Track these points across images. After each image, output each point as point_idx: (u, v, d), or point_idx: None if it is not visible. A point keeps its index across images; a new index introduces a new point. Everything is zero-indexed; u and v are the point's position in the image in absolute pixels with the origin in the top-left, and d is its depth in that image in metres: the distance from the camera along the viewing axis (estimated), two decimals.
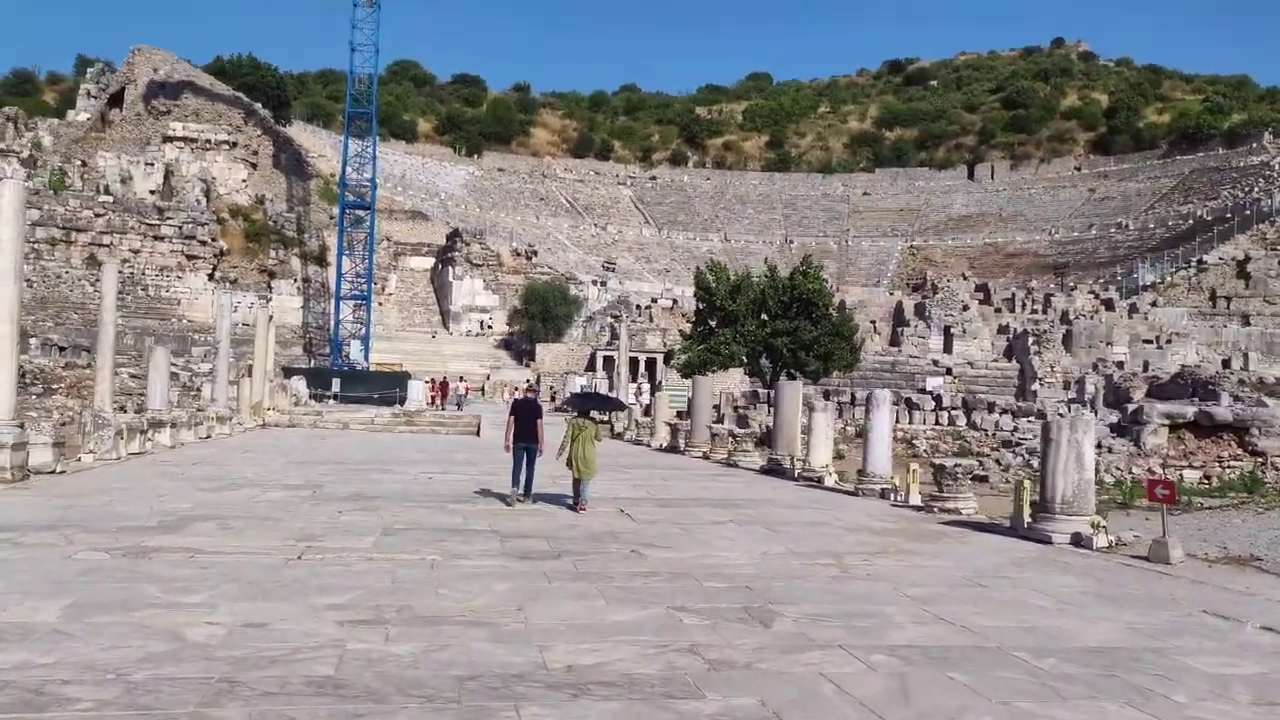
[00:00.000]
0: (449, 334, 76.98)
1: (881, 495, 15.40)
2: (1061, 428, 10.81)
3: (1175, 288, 77.19)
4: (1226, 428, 19.29)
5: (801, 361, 42.61)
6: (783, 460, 19.97)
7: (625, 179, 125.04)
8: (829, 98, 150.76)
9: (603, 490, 15.59)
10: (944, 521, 12.74)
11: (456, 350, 71.67)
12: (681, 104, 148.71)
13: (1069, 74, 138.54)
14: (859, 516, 13.20)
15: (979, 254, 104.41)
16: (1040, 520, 11.08)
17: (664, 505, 14.38)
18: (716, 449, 24.69)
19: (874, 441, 15.86)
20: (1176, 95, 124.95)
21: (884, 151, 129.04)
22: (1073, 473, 10.72)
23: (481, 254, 79.13)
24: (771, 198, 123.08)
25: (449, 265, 79.29)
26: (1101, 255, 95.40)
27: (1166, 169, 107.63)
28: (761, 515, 13.24)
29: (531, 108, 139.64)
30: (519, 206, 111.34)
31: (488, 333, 76.74)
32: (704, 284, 45.96)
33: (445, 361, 67.31)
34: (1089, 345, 66.66)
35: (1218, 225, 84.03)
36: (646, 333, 68.91)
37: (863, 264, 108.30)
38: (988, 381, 62.12)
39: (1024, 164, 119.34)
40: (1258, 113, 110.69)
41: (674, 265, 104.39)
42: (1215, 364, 61.01)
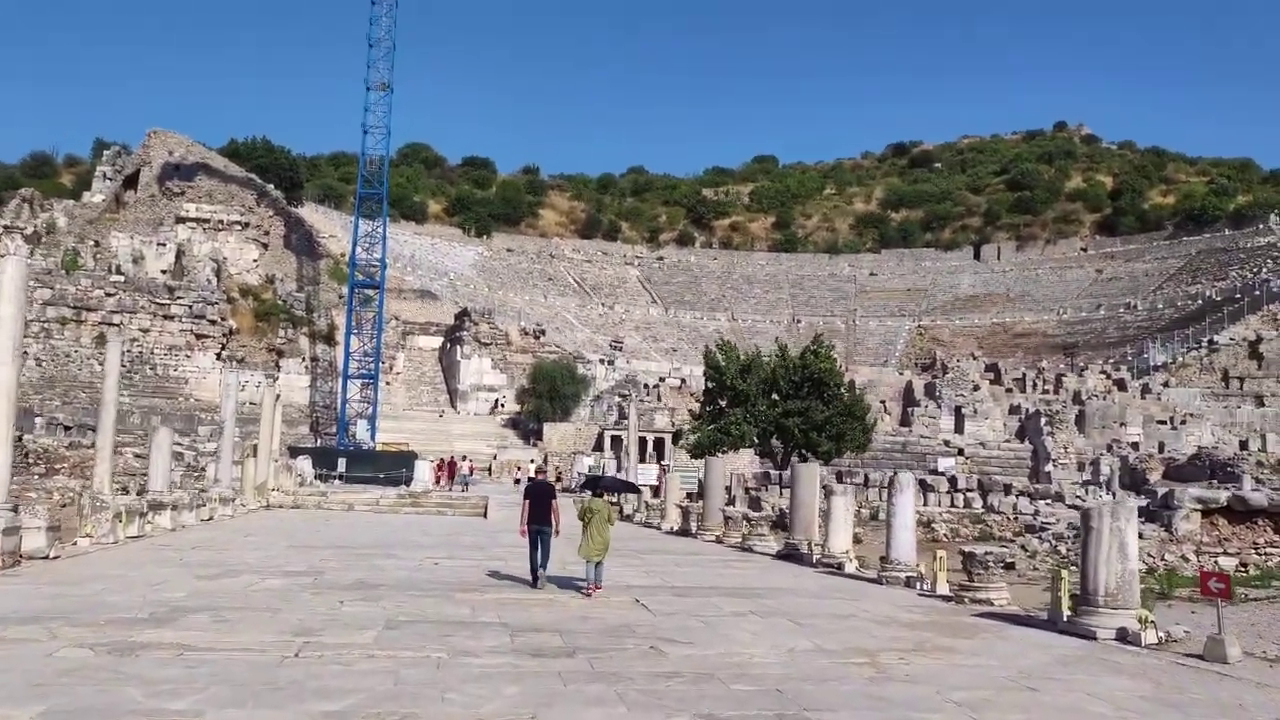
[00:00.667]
0: (456, 413, 76.48)
1: (907, 584, 14.73)
2: (1103, 515, 10.25)
3: (1187, 368, 76.64)
4: (1261, 513, 18.63)
5: (813, 442, 41.99)
6: (800, 545, 19.31)
7: (632, 259, 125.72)
8: (834, 180, 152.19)
9: (616, 577, 14.98)
10: (977, 613, 12.09)
11: (463, 430, 71.10)
12: (688, 185, 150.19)
13: (1072, 156, 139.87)
14: (886, 607, 12.55)
15: (987, 334, 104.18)
16: (1082, 614, 10.45)
17: (681, 594, 13.74)
18: (730, 533, 24.02)
19: (897, 527, 15.24)
20: (1180, 177, 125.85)
21: (890, 232, 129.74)
22: (1116, 563, 10.13)
23: (489, 333, 79.04)
24: (778, 278, 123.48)
25: (457, 344, 79.16)
26: (1111, 335, 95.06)
27: (1173, 250, 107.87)
28: (783, 606, 12.60)
29: (540, 189, 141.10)
30: (527, 286, 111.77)
31: (496, 412, 76.27)
32: (714, 363, 45.58)
33: (452, 441, 66.68)
34: (1102, 426, 65.94)
35: (1227, 306, 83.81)
36: (654, 412, 68.36)
37: (870, 344, 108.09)
38: (1000, 462, 61.33)
39: (1030, 245, 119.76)
40: (1262, 194, 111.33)
41: (681, 344, 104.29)
42: (1232, 445, 60.22)
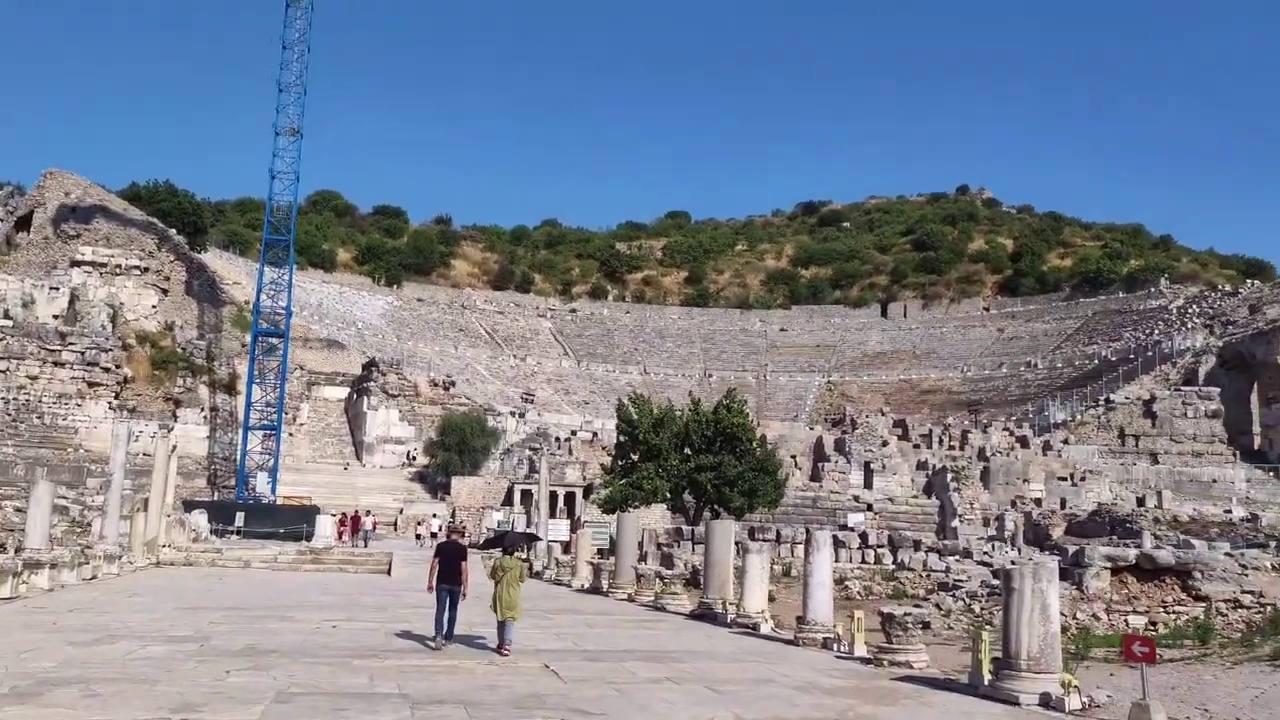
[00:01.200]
0: (362, 466, 74.56)
1: (824, 645, 14.37)
2: (1025, 577, 10.05)
3: (1085, 425, 78.80)
4: (1169, 571, 18.84)
5: (726, 497, 41.73)
6: (714, 604, 18.87)
7: (545, 311, 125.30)
8: (746, 236, 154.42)
9: (525, 640, 14.34)
10: (897, 677, 11.77)
11: (369, 483, 69.28)
12: (602, 239, 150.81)
13: (974, 219, 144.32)
14: (805, 672, 12.16)
15: (894, 390, 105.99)
16: (1004, 678, 10.19)
17: (593, 659, 13.17)
18: (643, 591, 23.47)
19: (814, 586, 14.92)
20: (1076, 241, 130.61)
21: (800, 289, 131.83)
22: (1038, 626, 9.92)
23: (398, 384, 77.55)
24: (690, 332, 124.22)
25: (364, 395, 77.45)
26: (1013, 393, 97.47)
27: (1070, 311, 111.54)
28: (700, 671, 12.12)
29: (452, 240, 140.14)
30: (438, 337, 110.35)
31: (404, 466, 74.57)
32: (626, 417, 45.17)
33: (357, 495, 64.90)
34: (1006, 482, 67.20)
35: (1122, 365, 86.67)
36: (565, 466, 67.56)
37: (781, 398, 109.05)
38: (908, 518, 61.91)
39: (935, 303, 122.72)
40: (1153, 259, 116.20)
41: (593, 397, 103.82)
42: (1129, 502, 61.79)
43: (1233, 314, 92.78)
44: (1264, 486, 72.32)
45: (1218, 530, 50.28)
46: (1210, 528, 51.11)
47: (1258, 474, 73.74)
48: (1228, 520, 54.04)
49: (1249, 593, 18.26)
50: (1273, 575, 18.96)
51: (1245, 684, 11.92)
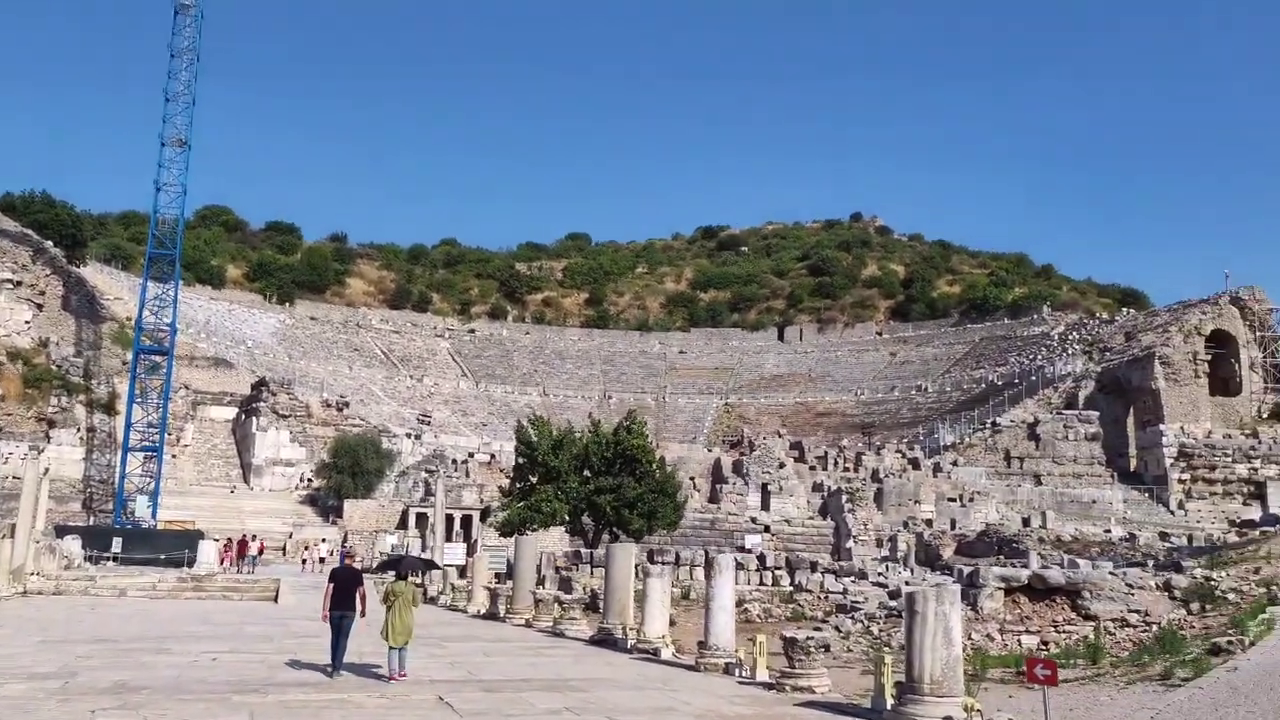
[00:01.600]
0: (250, 489, 72.08)
1: (726, 671, 14.15)
2: (928, 600, 9.99)
3: (973, 448, 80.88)
4: (1059, 591, 19.22)
5: (625, 520, 41.46)
6: (614, 630, 18.53)
7: (443, 331, 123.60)
8: (646, 259, 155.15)
9: (419, 670, 13.79)
10: (800, 703, 11.60)
11: (257, 506, 66.98)
12: (502, 259, 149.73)
13: (868, 245, 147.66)
14: (708, 699, 11.91)
15: (791, 412, 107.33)
16: (906, 702, 10.10)
17: (489, 689, 12.69)
18: (541, 616, 22.98)
19: (716, 610, 14.70)
20: (965, 269, 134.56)
21: (699, 312, 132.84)
22: (941, 649, 9.86)
23: (289, 404, 75.35)
24: (590, 354, 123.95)
25: (253, 416, 74.99)
26: (904, 416, 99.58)
27: (959, 336, 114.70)
28: (601, 701, 11.77)
29: (348, 258, 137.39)
30: (331, 357, 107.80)
31: (296, 488, 72.36)
32: (525, 439, 44.59)
33: (244, 519, 62.68)
34: (898, 503, 68.50)
35: (1008, 389, 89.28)
36: (463, 488, 66.48)
37: (680, 420, 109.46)
38: (804, 539, 62.56)
39: (830, 328, 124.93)
40: (1036, 288, 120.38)
41: (491, 419, 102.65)
42: (1015, 522, 63.57)
43: (1110, 341, 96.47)
44: (1139, 507, 75.25)
45: (1098, 549, 52.04)
46: (1091, 547, 52.87)
47: (1134, 495, 76.69)
48: (1108, 539, 56.00)
49: (1135, 611, 18.71)
50: (1156, 594, 19.51)
51: (1140, 704, 12.08)
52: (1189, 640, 15.62)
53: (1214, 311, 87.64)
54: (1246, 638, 14.03)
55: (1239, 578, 19.81)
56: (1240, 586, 19.25)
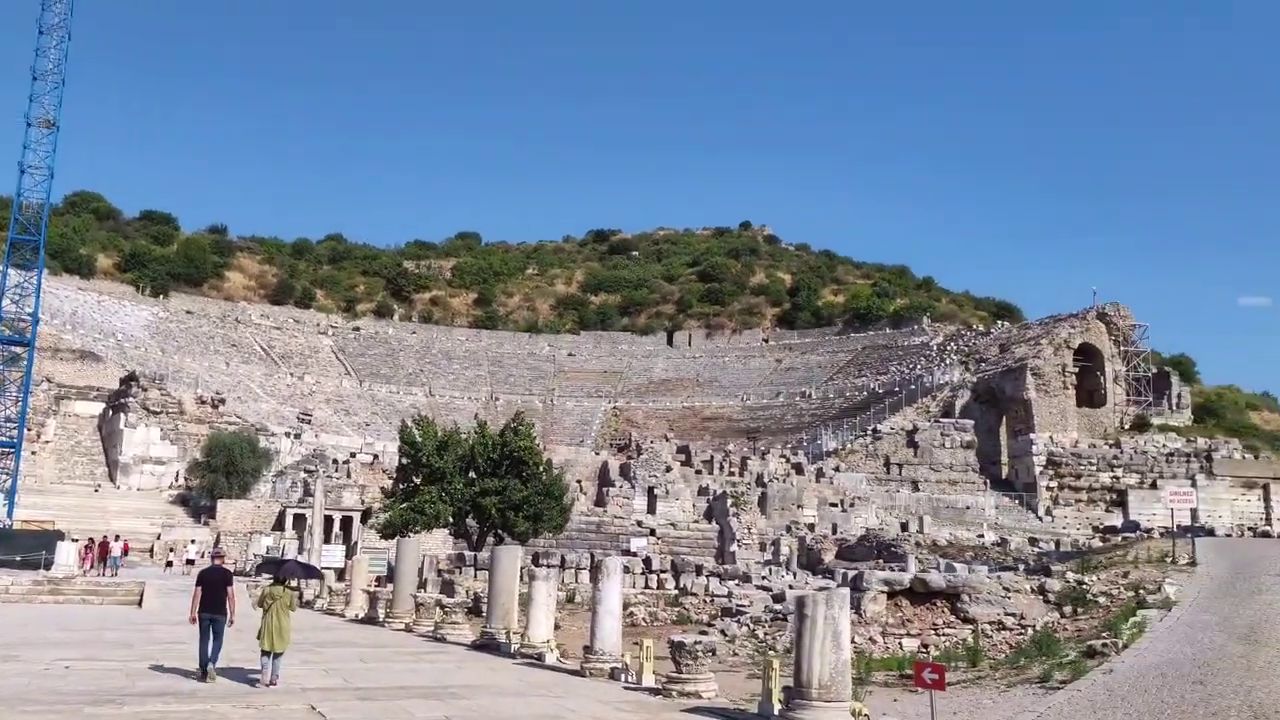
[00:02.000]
0: (116, 488, 68.97)
1: (612, 676, 13.91)
2: (818, 604, 9.93)
3: (855, 454, 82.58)
4: (940, 594, 19.59)
5: (511, 522, 40.90)
6: (498, 634, 18.12)
7: (326, 328, 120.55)
8: (536, 261, 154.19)
9: (291, 677, 13.17)
10: (687, 708, 11.43)
11: (124, 506, 64.11)
12: (389, 257, 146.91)
13: (756, 253, 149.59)
14: (593, 706, 11.65)
15: (678, 416, 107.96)
16: (794, 707, 10.01)
17: (365, 697, 12.17)
18: (421, 620, 22.38)
19: (603, 614, 14.44)
20: (849, 279, 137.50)
21: (589, 315, 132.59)
22: (830, 654, 9.80)
23: (160, 400, 72.37)
24: (478, 354, 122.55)
25: (121, 412, 71.78)
26: (789, 422, 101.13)
27: (842, 345, 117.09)
28: (483, 709, 11.39)
29: (227, 250, 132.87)
30: (208, 352, 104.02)
31: (169, 487, 69.50)
32: (409, 439, 43.61)
33: (109, 519, 59.91)
34: (782, 508, 69.45)
35: (889, 397, 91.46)
36: (343, 489, 64.84)
37: (567, 423, 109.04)
38: (689, 542, 62.91)
39: (718, 333, 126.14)
40: (917, 299, 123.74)
41: (375, 419, 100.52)
42: (894, 527, 65.14)
43: (985, 352, 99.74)
44: (1010, 512, 77.93)
45: (972, 554, 53.65)
46: (965, 551, 54.51)
47: (1005, 501, 79.39)
48: (981, 544, 57.81)
49: (1011, 614, 19.20)
50: (1032, 597, 20.05)
51: (1022, 707, 12.31)
52: (1064, 642, 16.08)
53: (1082, 326, 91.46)
54: (1120, 640, 14.49)
55: (1109, 581, 20.54)
56: (1110, 590, 19.95)
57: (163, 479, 70.14)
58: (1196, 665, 13.92)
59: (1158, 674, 13.62)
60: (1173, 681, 13.16)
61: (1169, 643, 15.41)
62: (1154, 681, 13.26)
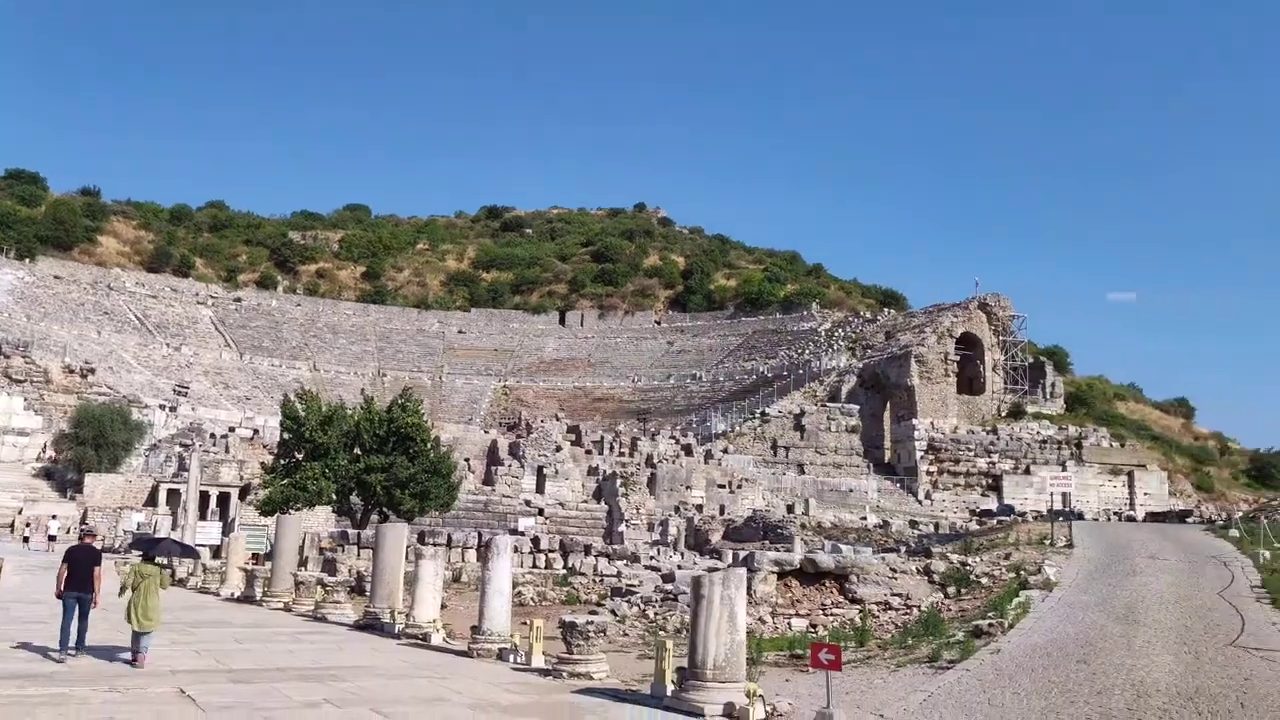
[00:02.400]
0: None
1: (500, 656, 13.57)
2: (715, 584, 9.77)
3: (743, 436, 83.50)
4: (829, 575, 19.75)
5: (396, 500, 39.98)
6: (382, 614, 17.58)
7: (206, 299, 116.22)
8: (427, 235, 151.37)
9: (161, 659, 12.47)
10: (578, 689, 11.17)
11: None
12: (273, 226, 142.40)
13: (650, 235, 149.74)
14: (481, 687, 11.29)
15: (569, 396, 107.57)
16: (688, 688, 9.85)
17: (239, 680, 11.58)
18: (301, 599, 21.63)
19: (492, 594, 14.06)
20: (741, 264, 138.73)
21: (480, 292, 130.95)
22: (725, 634, 9.66)
23: (24, 369, 68.76)
24: (365, 329, 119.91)
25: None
26: (679, 404, 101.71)
27: (733, 328, 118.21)
28: (365, 691, 10.93)
29: (100, 214, 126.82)
30: (78, 319, 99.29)
31: (38, 459, 66.10)
32: (292, 413, 42.24)
33: None
34: (670, 489, 69.76)
35: (777, 381, 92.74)
36: (221, 464, 62.68)
37: (456, 401, 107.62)
38: (578, 522, 62.69)
39: (611, 314, 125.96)
40: (807, 285, 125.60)
41: (256, 393, 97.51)
42: (780, 508, 66.06)
43: (872, 339, 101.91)
44: (891, 496, 79.87)
45: (855, 535, 54.72)
46: (849, 533, 55.57)
47: (887, 484, 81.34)
48: (864, 526, 59.06)
49: (898, 595, 19.48)
50: (918, 578, 20.38)
51: (912, 686, 12.39)
52: (950, 622, 16.36)
53: (964, 315, 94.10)
54: (1005, 620, 14.80)
55: (991, 563, 21.02)
56: (992, 571, 20.42)
57: (26, 451, 66.73)
58: (1079, 644, 14.31)
59: (1043, 654, 13.94)
60: (1058, 660, 13.47)
61: (1052, 622, 15.82)
62: (1040, 661, 13.53)
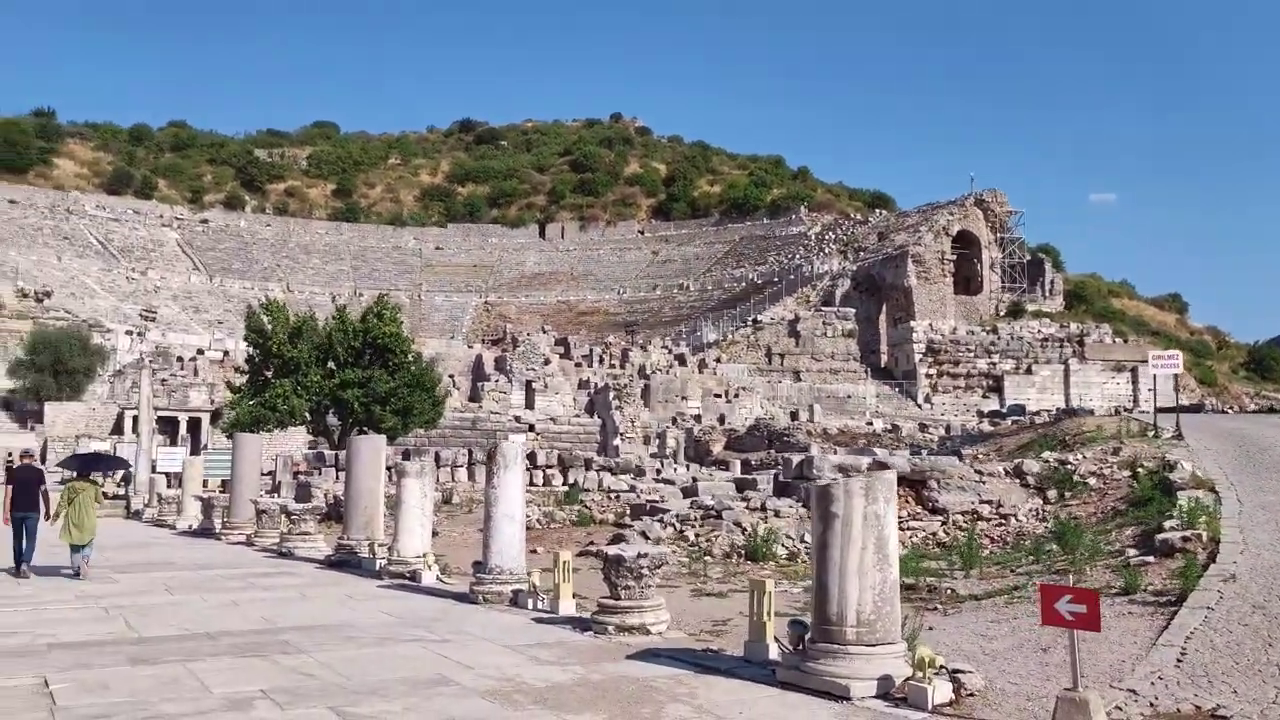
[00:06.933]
0: None
1: (514, 602, 10.21)
2: (853, 495, 6.32)
3: (736, 345, 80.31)
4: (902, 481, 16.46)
5: (377, 417, 36.44)
6: (358, 547, 14.25)
7: (171, 221, 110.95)
8: (400, 150, 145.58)
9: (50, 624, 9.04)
10: (634, 653, 7.75)
11: None
12: (238, 145, 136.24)
13: (630, 144, 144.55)
14: (498, 655, 7.86)
15: (553, 311, 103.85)
16: (818, 654, 6.48)
17: (141, 659, 7.88)
18: (265, 530, 18.28)
19: (500, 518, 10.54)
20: (724, 170, 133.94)
21: (456, 207, 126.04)
22: (872, 572, 6.27)
23: None
24: (339, 248, 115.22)
25: None
26: (667, 314, 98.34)
27: (720, 235, 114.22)
28: (327, 668, 7.50)
29: (55, 136, 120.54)
30: (35, 245, 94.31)
31: None
32: (257, 326, 38.44)
33: None
34: (665, 400, 66.71)
35: (768, 288, 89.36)
36: (190, 388, 59.03)
37: (437, 319, 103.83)
38: (570, 437, 59.62)
39: (592, 226, 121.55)
40: (793, 189, 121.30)
41: (228, 316, 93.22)
42: (781, 417, 63.21)
43: (864, 241, 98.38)
44: (890, 401, 77.20)
45: (864, 440, 51.85)
46: (858, 438, 52.70)
47: (885, 389, 78.60)
48: (872, 431, 56.22)
49: (987, 502, 16.23)
50: (1008, 482, 17.14)
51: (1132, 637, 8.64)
52: (1081, 534, 13.00)
53: (960, 213, 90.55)
54: (1200, 531, 11.29)
55: (1097, 459, 17.76)
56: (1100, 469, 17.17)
57: None
58: None
59: None
60: None
61: (1273, 533, 12.05)
62: None
